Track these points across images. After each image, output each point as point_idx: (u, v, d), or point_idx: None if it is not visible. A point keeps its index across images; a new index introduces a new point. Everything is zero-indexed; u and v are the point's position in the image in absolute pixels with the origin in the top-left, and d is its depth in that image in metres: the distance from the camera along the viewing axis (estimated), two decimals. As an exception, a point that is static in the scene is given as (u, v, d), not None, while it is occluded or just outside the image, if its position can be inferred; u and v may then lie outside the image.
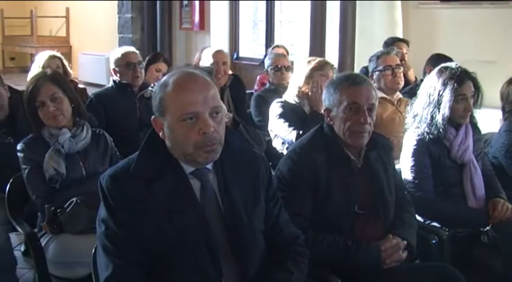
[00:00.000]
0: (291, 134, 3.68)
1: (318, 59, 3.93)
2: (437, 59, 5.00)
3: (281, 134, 3.79)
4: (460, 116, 3.10)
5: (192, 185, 2.06)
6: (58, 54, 4.96)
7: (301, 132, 3.53)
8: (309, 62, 3.87)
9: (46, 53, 4.92)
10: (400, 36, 6.30)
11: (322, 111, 2.73)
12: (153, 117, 2.05)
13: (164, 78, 2.07)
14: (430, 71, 3.32)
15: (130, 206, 1.98)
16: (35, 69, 4.55)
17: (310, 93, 3.79)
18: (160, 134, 2.05)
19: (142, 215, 1.98)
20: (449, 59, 4.73)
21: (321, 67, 3.81)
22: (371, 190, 2.62)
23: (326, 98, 2.68)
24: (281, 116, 3.79)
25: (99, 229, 2.02)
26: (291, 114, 3.78)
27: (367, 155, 2.64)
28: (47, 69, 4.33)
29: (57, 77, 3.21)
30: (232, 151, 2.12)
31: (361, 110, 2.56)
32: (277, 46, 5.96)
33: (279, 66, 4.89)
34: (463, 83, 3.05)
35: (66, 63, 5.02)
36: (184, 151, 2.01)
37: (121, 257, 1.96)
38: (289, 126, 3.72)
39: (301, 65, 3.95)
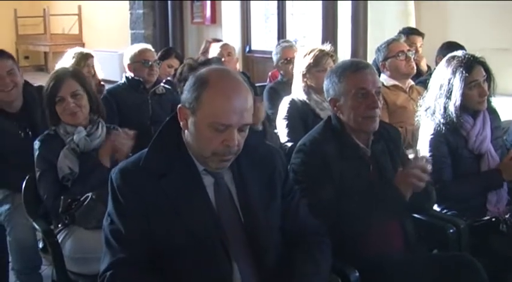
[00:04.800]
0: (286, 142, 3.66)
1: (314, 51, 3.83)
2: (448, 48, 4.97)
3: (280, 137, 3.77)
4: (477, 102, 3.06)
5: (205, 181, 2.05)
6: (91, 53, 4.95)
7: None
8: (305, 56, 3.82)
9: (80, 49, 4.88)
10: (413, 26, 6.25)
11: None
12: (180, 105, 2.02)
13: (203, 72, 2.02)
14: (441, 60, 3.30)
15: (139, 201, 1.97)
16: (66, 65, 4.42)
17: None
18: (182, 123, 2.02)
19: (152, 210, 1.97)
20: (461, 47, 4.71)
21: (317, 63, 3.77)
22: (381, 180, 2.60)
23: (330, 88, 2.64)
24: (285, 118, 3.77)
25: (105, 222, 2.03)
26: (296, 117, 3.74)
27: (373, 146, 2.63)
28: (83, 68, 4.36)
29: (78, 73, 3.24)
30: (248, 147, 2.10)
31: (369, 94, 2.54)
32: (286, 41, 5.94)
33: (288, 58, 4.89)
34: (472, 69, 3.02)
35: (97, 64, 5.01)
36: (201, 153, 2.00)
37: (121, 252, 1.96)
38: (288, 135, 3.70)
39: (298, 58, 3.91)
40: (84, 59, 4.76)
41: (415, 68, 4.17)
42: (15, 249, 3.30)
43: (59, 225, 2.98)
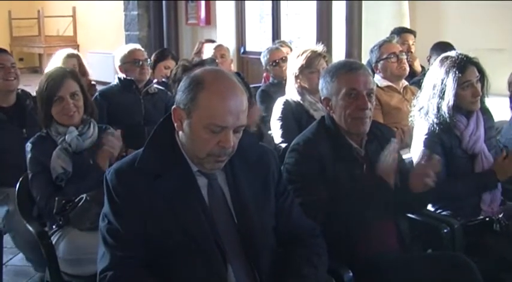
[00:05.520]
0: (280, 143, 3.66)
1: (306, 52, 3.82)
2: (438, 48, 5.05)
3: (275, 138, 3.77)
4: (470, 102, 3.06)
5: (199, 183, 2.05)
6: (76, 53, 4.94)
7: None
8: (297, 57, 3.82)
9: (64, 51, 4.89)
10: (407, 26, 6.26)
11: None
12: (174, 106, 2.01)
13: (198, 73, 2.00)
14: (431, 60, 3.31)
15: (134, 201, 1.97)
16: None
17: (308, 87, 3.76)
18: (176, 124, 2.02)
19: (147, 211, 1.97)
20: (451, 46, 4.76)
21: (309, 64, 3.76)
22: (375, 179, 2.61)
23: (323, 88, 2.66)
24: (279, 119, 3.76)
25: (102, 222, 2.03)
26: (290, 118, 3.74)
27: (367, 146, 2.64)
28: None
29: (76, 74, 3.24)
30: (242, 147, 2.09)
31: (360, 95, 2.55)
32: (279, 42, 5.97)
33: (276, 60, 4.92)
34: (465, 69, 3.02)
35: (85, 62, 4.99)
36: (196, 154, 2.00)
37: (119, 250, 1.96)
38: (282, 136, 3.70)
39: (291, 59, 3.91)
40: (72, 59, 4.75)
41: (408, 69, 4.18)
42: (25, 250, 3.36)
43: (54, 227, 2.97)
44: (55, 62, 4.70)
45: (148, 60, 4.59)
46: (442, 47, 5.00)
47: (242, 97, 1.98)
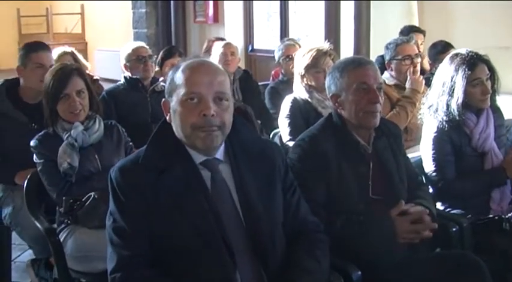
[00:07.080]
0: (288, 141, 3.64)
1: (312, 51, 3.78)
2: (434, 48, 5.06)
3: (283, 136, 3.76)
4: (479, 100, 3.05)
5: (204, 176, 2.05)
6: (69, 50, 4.94)
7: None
8: (303, 55, 3.80)
9: (58, 49, 4.90)
10: (416, 24, 6.24)
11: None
12: (163, 100, 2.07)
13: (178, 63, 2.10)
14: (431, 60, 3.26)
15: (139, 198, 1.98)
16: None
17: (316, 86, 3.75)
18: (167, 117, 2.06)
19: (152, 206, 1.97)
20: (450, 45, 4.78)
21: (315, 64, 3.73)
22: (382, 177, 2.60)
23: (331, 84, 2.64)
24: (287, 117, 3.74)
25: (108, 222, 2.03)
26: (298, 115, 3.72)
27: (375, 143, 2.62)
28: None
29: (82, 71, 3.22)
30: (244, 140, 2.12)
31: (371, 89, 2.54)
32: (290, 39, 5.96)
33: (290, 55, 4.90)
34: (475, 67, 3.00)
35: (80, 57, 4.99)
36: (184, 132, 2.01)
37: (127, 249, 1.96)
38: (290, 134, 3.68)
39: (297, 58, 3.89)
40: (66, 56, 4.75)
41: (419, 72, 4.14)
42: (34, 244, 3.34)
43: (64, 222, 2.97)
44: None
45: (153, 57, 4.59)
46: (439, 47, 5.02)
47: (214, 67, 2.05)
